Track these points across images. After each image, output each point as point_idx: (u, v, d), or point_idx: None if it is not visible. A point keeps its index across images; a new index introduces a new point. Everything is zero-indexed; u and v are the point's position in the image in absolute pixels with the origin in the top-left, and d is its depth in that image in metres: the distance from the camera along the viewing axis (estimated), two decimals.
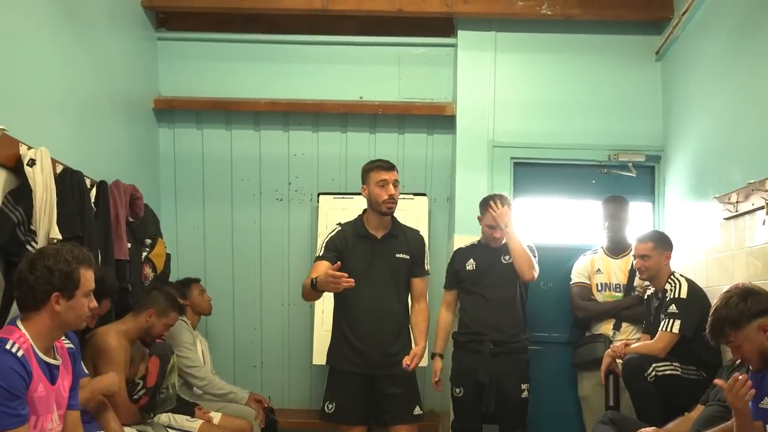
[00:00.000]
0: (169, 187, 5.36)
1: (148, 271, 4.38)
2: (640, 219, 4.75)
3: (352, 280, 3.44)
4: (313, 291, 3.63)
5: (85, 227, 3.49)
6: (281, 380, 5.40)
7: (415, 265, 3.88)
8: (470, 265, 4.30)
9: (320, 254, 3.85)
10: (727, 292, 2.84)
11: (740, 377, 2.63)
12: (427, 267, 3.94)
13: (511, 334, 4.17)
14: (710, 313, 2.82)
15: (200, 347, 4.74)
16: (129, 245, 4.06)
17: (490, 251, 4.29)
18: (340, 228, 3.91)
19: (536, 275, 4.20)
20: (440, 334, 4.32)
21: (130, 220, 4.19)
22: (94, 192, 3.79)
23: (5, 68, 3.14)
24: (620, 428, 3.46)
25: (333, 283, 3.47)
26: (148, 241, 4.44)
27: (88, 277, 2.55)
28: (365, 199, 3.88)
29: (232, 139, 5.38)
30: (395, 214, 3.94)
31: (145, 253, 4.38)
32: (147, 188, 4.60)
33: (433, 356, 4.28)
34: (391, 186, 3.77)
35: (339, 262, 3.54)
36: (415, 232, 3.99)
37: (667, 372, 3.63)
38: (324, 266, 3.72)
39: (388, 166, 3.82)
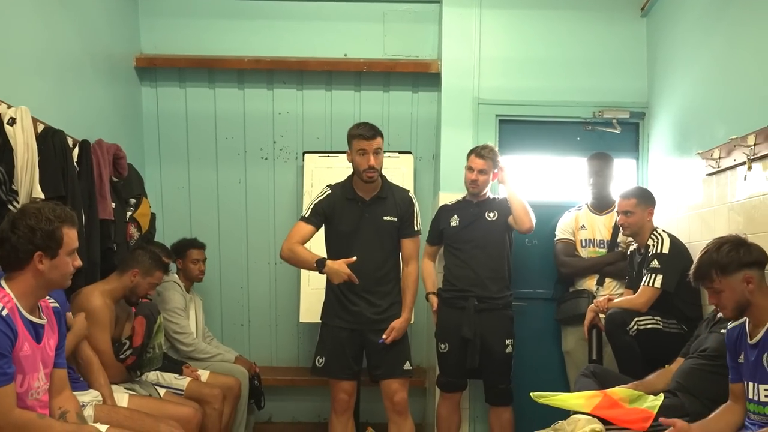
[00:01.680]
0: (152, 146, 5.33)
1: (133, 230, 4.37)
2: (624, 175, 4.77)
3: (357, 281, 3.63)
4: (310, 266, 3.76)
5: (68, 187, 3.48)
6: (269, 338, 5.43)
7: (403, 226, 3.89)
8: (454, 221, 4.32)
9: (306, 215, 3.87)
10: (719, 238, 2.85)
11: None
12: (417, 227, 3.95)
13: (495, 290, 4.21)
14: (699, 256, 2.83)
15: (194, 308, 4.76)
16: (113, 205, 4.05)
17: (475, 207, 4.31)
18: (330, 191, 3.92)
19: (533, 225, 4.23)
20: (428, 280, 4.45)
21: (114, 179, 4.18)
22: (76, 151, 3.77)
23: None
24: (602, 381, 3.51)
25: (341, 278, 3.65)
26: (133, 200, 4.43)
27: (71, 236, 2.55)
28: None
29: (216, 97, 5.33)
30: (386, 175, 3.96)
31: (129, 213, 4.37)
32: (130, 147, 4.58)
33: (427, 297, 4.42)
34: (371, 155, 3.75)
35: (355, 257, 3.66)
36: (404, 193, 3.99)
37: (649, 326, 3.67)
38: (307, 230, 3.80)
39: (369, 135, 3.76)
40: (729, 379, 2.87)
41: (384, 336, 3.76)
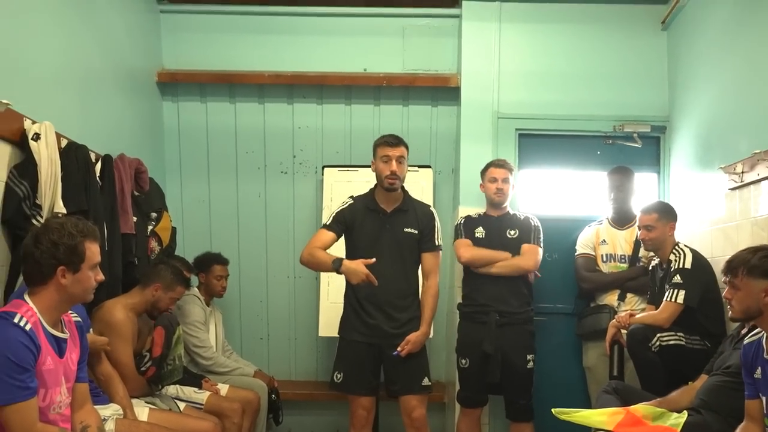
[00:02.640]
0: (173, 160, 5.37)
1: (154, 244, 4.39)
2: (645, 190, 4.74)
3: (376, 281, 3.62)
4: (327, 267, 3.76)
5: (91, 201, 3.51)
6: (288, 352, 5.44)
7: (424, 240, 3.89)
8: (479, 232, 4.32)
9: (327, 223, 3.89)
10: (765, 244, 2.88)
11: None
12: (438, 242, 3.95)
13: (516, 306, 4.19)
14: (739, 252, 2.84)
15: (213, 322, 4.77)
16: (134, 219, 4.08)
17: (497, 223, 4.31)
18: (351, 201, 3.95)
19: (538, 261, 4.24)
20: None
21: (136, 193, 4.20)
22: (99, 166, 3.79)
23: (8, 43, 3.14)
24: (624, 397, 3.48)
25: (358, 278, 3.62)
26: (154, 214, 4.45)
27: (93, 251, 2.57)
28: (371, 172, 3.94)
29: (236, 111, 5.37)
30: (407, 189, 3.97)
31: (150, 227, 4.39)
32: (152, 162, 4.61)
33: None
34: (394, 162, 3.79)
35: (375, 259, 3.65)
36: (426, 207, 4.02)
37: (672, 342, 3.64)
38: (328, 237, 3.82)
39: (394, 142, 3.85)
40: (745, 396, 2.84)
41: (399, 348, 3.75)
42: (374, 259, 3.68)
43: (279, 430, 5.03)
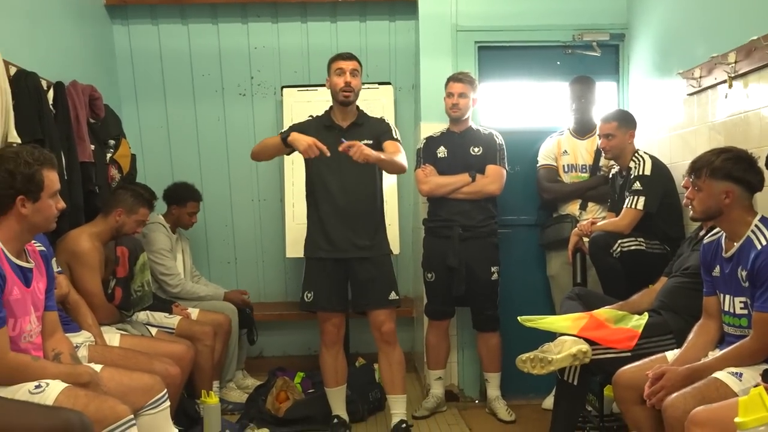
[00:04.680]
0: (128, 86, 5.24)
1: (114, 172, 4.33)
2: (605, 98, 4.75)
3: (326, 149, 3.57)
4: (277, 144, 3.74)
5: (45, 130, 3.44)
6: (256, 275, 5.47)
7: (382, 138, 3.87)
8: (441, 152, 4.33)
9: (282, 131, 3.90)
10: (733, 147, 2.89)
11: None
12: (396, 135, 3.91)
13: (479, 219, 4.25)
14: (703, 153, 2.86)
15: (180, 249, 4.76)
16: (92, 147, 4.00)
17: (459, 140, 4.32)
18: (309, 119, 3.96)
19: (503, 184, 4.28)
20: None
21: (91, 121, 4.12)
22: (51, 94, 3.70)
23: None
24: (587, 303, 3.56)
25: (306, 143, 3.58)
26: (112, 142, 4.38)
27: (52, 179, 2.54)
28: (329, 92, 3.90)
29: (190, 33, 5.24)
30: (362, 106, 3.95)
31: (109, 155, 4.32)
32: (106, 88, 4.50)
33: None
34: (348, 74, 3.79)
35: (327, 151, 3.61)
36: (380, 119, 4.03)
37: (632, 247, 3.71)
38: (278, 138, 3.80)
39: (347, 56, 3.86)
40: (703, 293, 2.93)
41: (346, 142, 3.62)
42: (327, 152, 3.61)
43: (252, 351, 5.11)
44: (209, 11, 5.19)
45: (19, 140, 3.14)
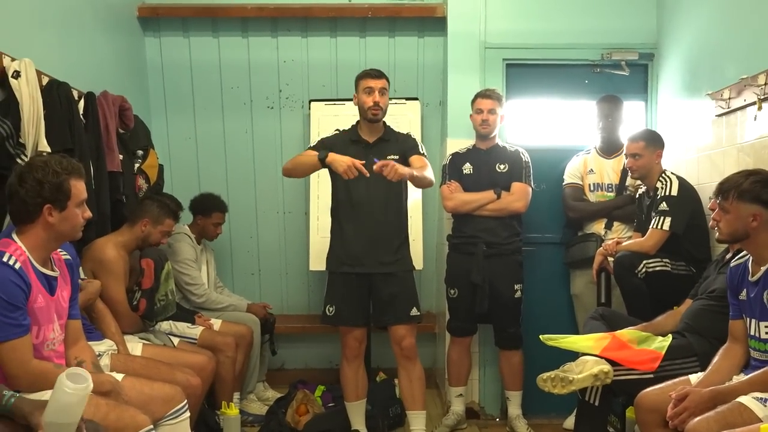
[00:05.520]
0: (158, 97, 5.31)
1: (141, 182, 4.37)
2: (632, 118, 4.72)
3: (365, 170, 3.58)
4: (313, 164, 3.77)
5: (75, 139, 3.47)
6: (279, 287, 5.49)
7: (408, 154, 3.88)
8: (467, 169, 4.33)
9: (312, 145, 3.95)
10: (758, 169, 2.86)
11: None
12: (422, 150, 3.93)
13: (504, 237, 4.23)
14: (732, 175, 2.84)
15: (205, 259, 4.80)
16: (121, 157, 4.04)
17: (485, 157, 4.32)
18: (337, 132, 3.99)
19: (528, 202, 4.27)
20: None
21: (121, 131, 4.16)
22: (81, 104, 3.74)
23: None
24: (610, 323, 3.53)
25: (345, 164, 3.59)
26: (140, 152, 4.42)
27: (79, 188, 2.56)
28: (357, 108, 3.92)
29: (220, 46, 5.29)
30: (389, 122, 3.97)
31: (137, 165, 4.36)
32: (136, 99, 4.55)
33: None
34: (377, 93, 3.80)
35: (364, 161, 3.64)
36: (406, 135, 4.04)
37: (657, 268, 3.67)
38: (314, 154, 3.81)
39: (376, 74, 3.86)
40: (729, 316, 2.89)
41: (379, 162, 3.63)
42: (364, 162, 3.64)
43: (273, 363, 5.12)
44: (240, 25, 5.25)
45: (48, 149, 3.18)
